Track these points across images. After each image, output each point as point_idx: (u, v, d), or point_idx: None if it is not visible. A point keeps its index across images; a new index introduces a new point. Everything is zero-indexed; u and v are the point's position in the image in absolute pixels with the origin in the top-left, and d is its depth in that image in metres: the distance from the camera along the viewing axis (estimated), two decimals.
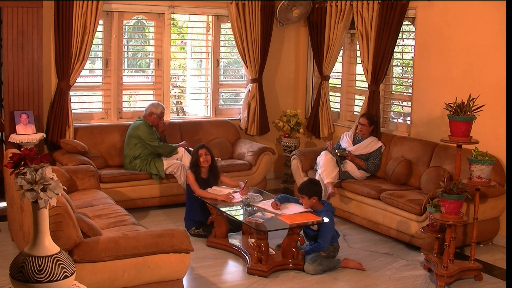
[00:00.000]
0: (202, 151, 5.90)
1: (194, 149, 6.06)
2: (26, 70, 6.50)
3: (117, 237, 4.10)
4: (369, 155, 6.71)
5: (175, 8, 7.51)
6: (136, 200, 6.62)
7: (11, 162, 3.00)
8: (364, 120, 6.78)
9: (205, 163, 5.91)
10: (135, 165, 6.68)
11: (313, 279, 5.02)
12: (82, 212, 4.66)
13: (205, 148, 5.95)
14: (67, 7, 6.64)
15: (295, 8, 7.88)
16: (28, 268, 2.85)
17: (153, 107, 6.87)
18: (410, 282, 5.00)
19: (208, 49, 7.94)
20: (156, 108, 6.85)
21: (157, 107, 6.86)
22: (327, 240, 5.16)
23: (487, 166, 4.73)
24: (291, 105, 8.44)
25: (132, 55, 8.16)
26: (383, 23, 6.81)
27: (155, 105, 6.89)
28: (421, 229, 5.19)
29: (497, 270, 5.30)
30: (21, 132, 6.38)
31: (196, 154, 5.93)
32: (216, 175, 6.07)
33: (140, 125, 6.72)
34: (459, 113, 4.75)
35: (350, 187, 6.45)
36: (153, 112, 6.82)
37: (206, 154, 5.90)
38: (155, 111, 6.83)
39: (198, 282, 4.88)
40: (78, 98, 7.48)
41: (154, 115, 6.81)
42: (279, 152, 8.23)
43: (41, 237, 2.93)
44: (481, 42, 6.06)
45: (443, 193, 4.68)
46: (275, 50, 8.18)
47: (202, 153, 5.89)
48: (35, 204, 2.90)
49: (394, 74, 7.44)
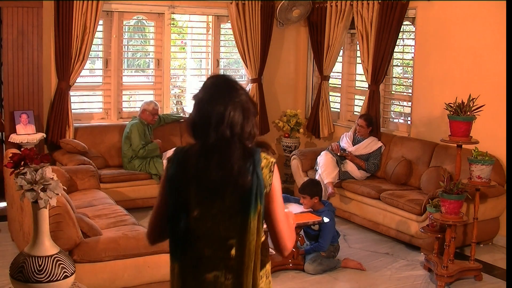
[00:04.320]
0: None
1: None
2: (26, 70, 6.50)
3: (117, 237, 4.10)
4: (369, 155, 6.71)
5: (175, 8, 7.51)
6: (136, 200, 6.62)
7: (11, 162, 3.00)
8: (361, 121, 6.78)
9: None
10: (134, 165, 6.68)
11: (313, 279, 5.02)
12: (82, 212, 4.66)
13: None
14: (67, 7, 6.63)
15: (295, 8, 7.87)
16: (28, 268, 2.85)
17: (145, 104, 6.92)
18: (410, 282, 5.00)
19: (208, 49, 7.94)
20: (148, 105, 6.88)
21: (149, 104, 6.89)
22: (327, 240, 5.16)
23: (487, 166, 4.73)
24: (291, 105, 8.43)
25: (132, 55, 8.16)
26: (383, 23, 6.81)
27: (147, 102, 6.94)
28: (421, 229, 5.19)
29: (497, 270, 5.29)
30: (21, 132, 6.38)
31: None
32: None
33: (132, 126, 6.75)
34: (459, 113, 4.75)
35: (350, 187, 6.45)
36: (145, 109, 6.85)
37: None
38: (147, 108, 6.86)
39: None
40: (78, 98, 7.48)
41: (146, 112, 6.83)
42: (279, 152, 8.23)
43: (41, 237, 2.93)
44: (481, 42, 6.06)
45: (443, 193, 4.68)
46: (275, 50, 8.17)
47: None
48: (35, 204, 2.90)
49: (394, 74, 7.44)
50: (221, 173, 2.11)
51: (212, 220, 2.14)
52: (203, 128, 2.14)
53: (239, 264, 2.14)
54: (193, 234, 2.16)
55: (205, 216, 2.15)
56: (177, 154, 2.22)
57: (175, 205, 2.17)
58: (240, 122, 2.13)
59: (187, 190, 2.15)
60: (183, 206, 2.16)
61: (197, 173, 2.14)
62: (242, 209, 2.14)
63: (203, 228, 2.15)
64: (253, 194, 2.13)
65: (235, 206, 2.14)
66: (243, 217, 2.14)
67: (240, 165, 2.12)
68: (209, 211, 2.14)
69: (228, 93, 2.18)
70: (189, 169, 2.15)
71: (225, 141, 2.11)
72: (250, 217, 2.13)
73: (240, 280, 2.15)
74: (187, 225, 2.16)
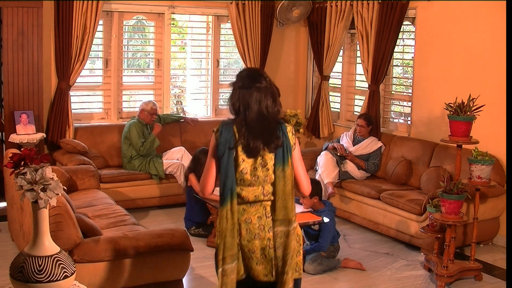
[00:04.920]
0: None
1: (196, 156, 6.00)
2: (26, 70, 6.50)
3: (117, 237, 4.10)
4: (369, 155, 6.71)
5: (175, 8, 7.51)
6: (136, 200, 6.62)
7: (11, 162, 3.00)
8: (361, 121, 6.78)
9: None
10: (134, 165, 6.68)
11: (313, 279, 5.02)
12: (82, 212, 4.66)
13: None
14: (67, 7, 6.64)
15: (295, 8, 7.88)
16: (28, 268, 2.85)
17: (144, 104, 6.93)
18: (410, 282, 5.00)
19: (208, 49, 7.94)
20: (146, 105, 6.89)
21: (147, 104, 6.89)
22: (327, 240, 5.16)
23: (487, 166, 4.73)
24: (291, 105, 8.43)
25: (132, 55, 8.16)
26: (383, 23, 6.81)
27: (146, 102, 6.94)
28: (421, 229, 5.19)
29: (497, 270, 5.30)
30: (21, 132, 6.38)
31: (203, 164, 5.86)
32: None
33: (130, 125, 6.76)
34: (459, 113, 4.75)
35: (350, 187, 6.45)
36: (143, 109, 6.86)
37: None
38: (145, 108, 6.86)
39: (198, 282, 4.88)
40: (78, 98, 7.48)
41: (144, 112, 6.84)
42: None
43: (41, 237, 2.93)
44: (481, 42, 6.06)
45: (443, 193, 4.68)
46: (275, 50, 8.18)
47: None
48: (35, 204, 2.90)
49: (394, 74, 7.44)
50: (261, 139, 2.99)
51: (255, 171, 3.02)
52: (244, 108, 3.04)
53: (276, 204, 3.04)
54: (241, 182, 3.03)
55: (249, 170, 3.02)
56: (222, 125, 3.10)
57: (227, 162, 3.01)
58: (270, 104, 3.04)
59: (236, 150, 3.01)
60: (233, 163, 3.01)
61: (242, 139, 3.00)
62: (279, 162, 3.02)
63: (248, 178, 3.02)
64: (285, 151, 3.02)
65: (272, 160, 3.03)
66: (280, 168, 3.02)
67: (274, 132, 3.02)
68: (252, 165, 3.02)
69: (258, 81, 3.06)
70: (235, 135, 3.02)
71: (263, 117, 3.01)
72: (286, 167, 3.02)
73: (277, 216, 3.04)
74: (235, 177, 3.01)
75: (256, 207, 3.05)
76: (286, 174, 3.02)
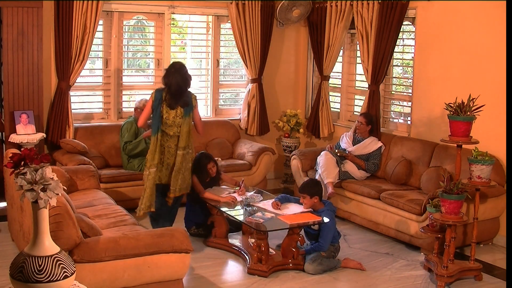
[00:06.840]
0: (210, 165, 5.91)
1: (197, 158, 5.97)
2: (26, 70, 6.50)
3: (117, 237, 4.10)
4: (369, 155, 6.71)
5: (175, 8, 7.51)
6: (136, 200, 6.58)
7: (11, 162, 3.00)
8: (361, 118, 6.79)
9: (213, 173, 5.95)
10: (134, 165, 6.68)
11: (313, 279, 5.02)
12: (82, 212, 4.66)
13: (212, 161, 5.95)
14: (67, 7, 6.64)
15: (295, 8, 7.88)
16: (28, 268, 2.85)
17: (137, 102, 6.94)
18: (410, 282, 5.00)
19: (208, 49, 7.94)
20: (139, 102, 6.89)
21: (140, 101, 6.90)
22: (328, 240, 5.16)
23: (487, 166, 4.73)
24: (291, 105, 8.44)
25: (132, 55, 8.16)
26: (383, 23, 6.81)
27: (139, 100, 6.96)
28: (421, 229, 5.19)
29: (497, 270, 5.30)
30: (21, 132, 6.38)
31: (204, 166, 5.89)
32: (218, 177, 6.08)
33: (125, 123, 6.79)
34: (459, 113, 4.75)
35: (350, 187, 6.45)
36: (137, 107, 6.86)
37: (213, 166, 5.94)
38: (138, 105, 6.86)
39: (198, 282, 4.88)
40: (78, 98, 7.48)
41: (138, 110, 6.83)
42: (279, 152, 8.23)
43: (41, 237, 2.92)
44: (481, 42, 6.06)
45: (443, 193, 4.68)
46: (275, 50, 8.18)
47: (210, 166, 5.90)
48: (35, 204, 2.90)
49: (394, 74, 7.44)
50: (179, 101, 5.37)
51: (173, 119, 5.38)
52: (170, 84, 5.35)
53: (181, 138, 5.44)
54: (165, 124, 5.38)
55: (170, 117, 5.38)
56: (157, 91, 5.43)
57: (157, 112, 5.38)
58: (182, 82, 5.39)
59: (163, 105, 5.38)
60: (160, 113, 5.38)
61: (167, 99, 5.37)
62: (185, 114, 5.42)
63: (169, 122, 5.38)
64: (190, 108, 5.43)
65: (182, 113, 5.40)
66: (185, 118, 5.42)
67: (186, 97, 5.42)
68: (172, 115, 5.38)
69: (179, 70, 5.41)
70: (163, 97, 5.37)
71: (180, 88, 5.37)
72: (188, 117, 5.44)
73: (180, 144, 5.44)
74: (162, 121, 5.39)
75: (174, 139, 5.42)
76: (186, 121, 5.40)
